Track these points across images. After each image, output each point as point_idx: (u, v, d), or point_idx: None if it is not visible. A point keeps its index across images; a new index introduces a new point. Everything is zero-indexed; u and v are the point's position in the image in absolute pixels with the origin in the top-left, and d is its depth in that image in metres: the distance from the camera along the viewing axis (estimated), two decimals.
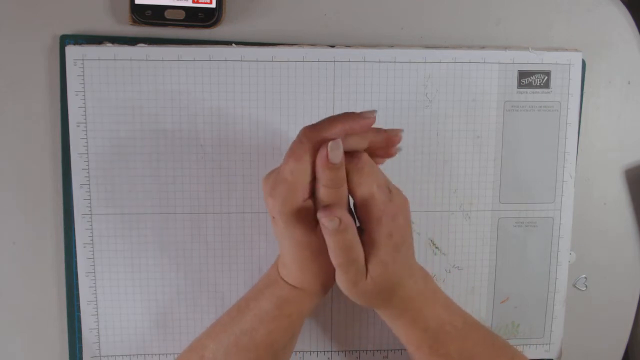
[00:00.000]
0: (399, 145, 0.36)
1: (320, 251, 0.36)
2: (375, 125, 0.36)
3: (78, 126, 0.44)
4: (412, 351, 0.40)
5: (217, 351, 0.39)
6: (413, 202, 0.40)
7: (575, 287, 0.50)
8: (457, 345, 0.38)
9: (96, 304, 0.46)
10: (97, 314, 0.46)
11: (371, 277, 0.35)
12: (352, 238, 0.34)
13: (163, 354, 0.47)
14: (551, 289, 0.48)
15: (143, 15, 0.43)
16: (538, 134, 0.47)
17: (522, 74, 0.46)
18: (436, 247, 0.47)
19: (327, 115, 0.44)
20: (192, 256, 0.46)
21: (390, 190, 0.35)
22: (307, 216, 0.35)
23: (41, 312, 0.46)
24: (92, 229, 0.45)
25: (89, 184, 0.45)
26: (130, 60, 0.44)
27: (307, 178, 0.33)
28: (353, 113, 0.34)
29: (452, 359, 0.38)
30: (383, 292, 0.36)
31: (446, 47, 0.46)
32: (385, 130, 0.35)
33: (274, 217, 0.35)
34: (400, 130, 0.36)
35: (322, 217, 0.33)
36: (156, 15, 0.43)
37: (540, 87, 0.46)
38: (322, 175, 0.33)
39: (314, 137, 0.33)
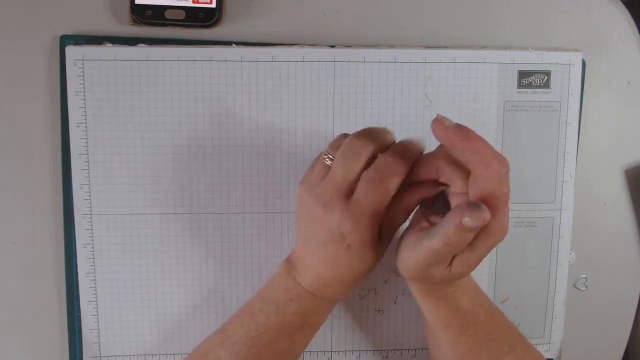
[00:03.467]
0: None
1: (370, 265, 0.37)
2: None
3: (78, 126, 0.44)
4: (438, 330, 0.39)
5: None
6: None
7: (575, 287, 0.50)
8: (485, 327, 0.39)
9: (96, 304, 0.46)
10: (97, 314, 0.46)
11: (450, 270, 0.34)
12: (472, 236, 0.33)
13: (163, 354, 0.47)
14: (551, 289, 0.48)
15: (143, 15, 0.43)
16: (538, 134, 0.47)
17: (522, 74, 0.46)
18: None
19: (327, 116, 0.45)
20: (192, 256, 0.46)
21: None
22: (376, 237, 0.36)
23: (41, 312, 0.46)
24: (92, 229, 0.45)
25: (89, 184, 0.45)
26: (130, 60, 0.44)
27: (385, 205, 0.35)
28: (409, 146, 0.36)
29: (479, 340, 0.38)
30: (444, 281, 0.36)
31: (446, 47, 0.46)
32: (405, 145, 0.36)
33: (349, 245, 0.35)
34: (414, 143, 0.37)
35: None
36: (156, 15, 0.43)
37: (540, 87, 0.46)
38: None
39: (405, 169, 0.34)
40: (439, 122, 0.33)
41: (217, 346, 0.39)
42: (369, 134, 0.36)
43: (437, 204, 0.38)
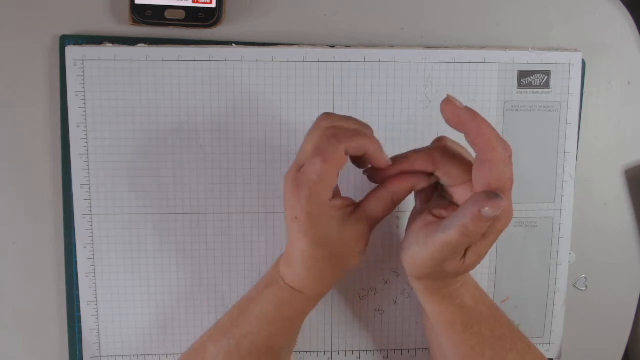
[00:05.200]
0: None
1: (336, 253, 0.36)
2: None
3: (78, 126, 0.44)
4: (442, 329, 0.39)
5: (219, 355, 0.38)
6: (413, 202, 0.40)
7: (575, 287, 0.50)
8: (489, 324, 0.39)
9: (96, 304, 0.46)
10: (97, 314, 0.46)
11: (464, 262, 0.35)
12: (488, 226, 0.33)
13: (163, 354, 0.47)
14: (551, 289, 0.48)
15: (143, 15, 0.43)
16: (538, 134, 0.47)
17: (522, 74, 0.46)
18: None
19: None
20: (192, 256, 0.46)
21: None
22: (332, 215, 0.35)
23: (41, 312, 0.46)
24: (92, 229, 0.45)
25: (89, 184, 0.45)
26: (131, 60, 0.44)
27: (334, 179, 0.34)
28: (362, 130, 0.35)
29: (484, 337, 0.38)
30: (456, 275, 0.36)
31: (446, 47, 0.46)
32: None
33: (296, 218, 0.34)
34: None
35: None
36: (156, 15, 0.43)
37: (540, 87, 0.46)
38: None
39: (346, 140, 0.33)
40: (449, 102, 0.33)
41: (208, 340, 0.40)
42: (339, 119, 0.35)
43: (433, 200, 0.38)
